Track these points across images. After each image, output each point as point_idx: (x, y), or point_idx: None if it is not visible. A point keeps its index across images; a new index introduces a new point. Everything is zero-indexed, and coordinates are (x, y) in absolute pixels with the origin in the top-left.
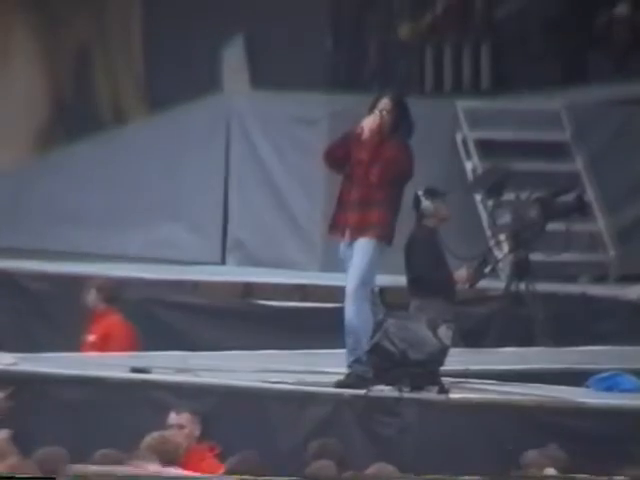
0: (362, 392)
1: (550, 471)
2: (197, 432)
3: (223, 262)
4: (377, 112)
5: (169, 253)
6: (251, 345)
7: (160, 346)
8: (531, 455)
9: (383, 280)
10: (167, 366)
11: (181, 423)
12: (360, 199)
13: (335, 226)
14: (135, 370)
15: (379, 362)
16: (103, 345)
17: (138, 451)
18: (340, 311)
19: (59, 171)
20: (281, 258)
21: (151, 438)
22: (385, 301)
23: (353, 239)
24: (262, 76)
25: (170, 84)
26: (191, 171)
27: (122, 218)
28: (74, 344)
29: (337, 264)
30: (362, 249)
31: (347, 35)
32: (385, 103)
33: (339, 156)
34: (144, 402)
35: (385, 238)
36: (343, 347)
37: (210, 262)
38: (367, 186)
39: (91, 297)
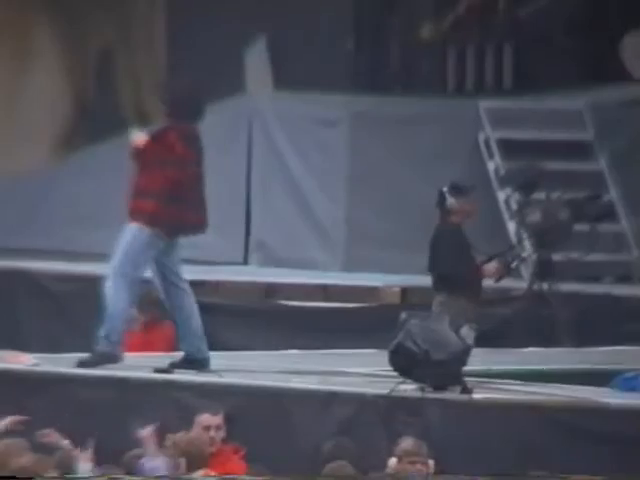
0: (385, 392)
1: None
2: (223, 434)
3: (245, 262)
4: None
5: (191, 253)
6: (273, 345)
7: None
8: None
9: (407, 280)
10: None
11: (211, 424)
12: (142, 188)
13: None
14: (158, 371)
15: (402, 362)
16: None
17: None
18: (362, 311)
19: (81, 172)
20: (303, 258)
21: (176, 438)
22: (408, 300)
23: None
24: (284, 77)
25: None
26: (213, 172)
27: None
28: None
29: (359, 264)
30: (128, 232)
31: (369, 36)
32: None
33: None
34: (167, 403)
35: (159, 226)
36: (366, 347)
37: (232, 262)
38: (149, 181)
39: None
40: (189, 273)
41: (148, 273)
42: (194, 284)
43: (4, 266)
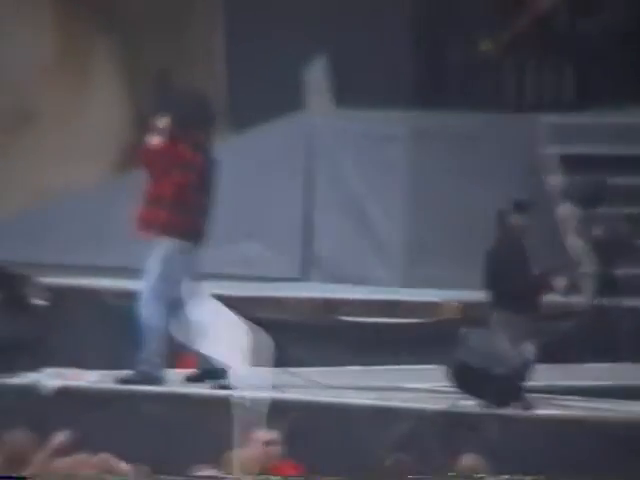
0: (444, 408)
1: None
2: (280, 449)
3: (305, 278)
4: (155, 132)
5: (250, 270)
6: (333, 361)
7: None
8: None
9: (466, 295)
10: (250, 383)
11: (267, 439)
12: (154, 197)
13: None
14: (220, 387)
15: (461, 378)
16: None
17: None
18: (422, 327)
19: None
20: (363, 274)
21: (236, 454)
22: (467, 316)
23: (146, 235)
24: (344, 94)
25: (252, 103)
26: (272, 189)
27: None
28: None
29: (418, 280)
30: (156, 249)
31: (429, 52)
32: (159, 122)
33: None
34: (226, 418)
35: (181, 237)
36: (426, 363)
37: (291, 279)
38: (161, 188)
39: None
40: (250, 289)
41: (225, 289)
42: (254, 301)
43: (66, 283)
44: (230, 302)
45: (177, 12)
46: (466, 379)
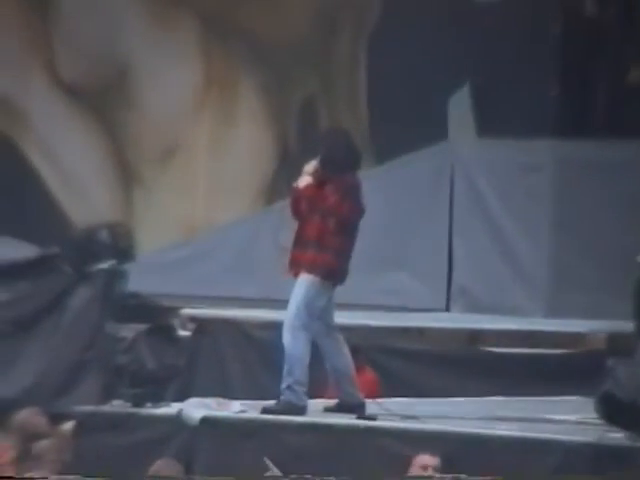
0: (592, 440)
1: None
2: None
3: (447, 309)
4: (305, 175)
5: (394, 300)
6: (477, 392)
7: (386, 393)
8: None
9: (613, 326)
10: (393, 413)
11: (429, 465)
12: (302, 238)
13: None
14: (361, 417)
15: (609, 410)
16: None
17: None
18: (567, 358)
19: (282, 221)
20: (506, 304)
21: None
22: (615, 347)
23: (296, 275)
24: (487, 124)
25: (395, 133)
26: (415, 219)
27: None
28: None
29: (563, 310)
30: (299, 284)
31: (574, 80)
32: (309, 166)
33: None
34: (370, 449)
35: (323, 276)
36: (571, 394)
37: (434, 309)
38: (307, 230)
39: None
40: (392, 320)
41: (345, 319)
42: (397, 331)
43: (209, 314)
44: (376, 332)
45: (321, 46)
46: (614, 411)
